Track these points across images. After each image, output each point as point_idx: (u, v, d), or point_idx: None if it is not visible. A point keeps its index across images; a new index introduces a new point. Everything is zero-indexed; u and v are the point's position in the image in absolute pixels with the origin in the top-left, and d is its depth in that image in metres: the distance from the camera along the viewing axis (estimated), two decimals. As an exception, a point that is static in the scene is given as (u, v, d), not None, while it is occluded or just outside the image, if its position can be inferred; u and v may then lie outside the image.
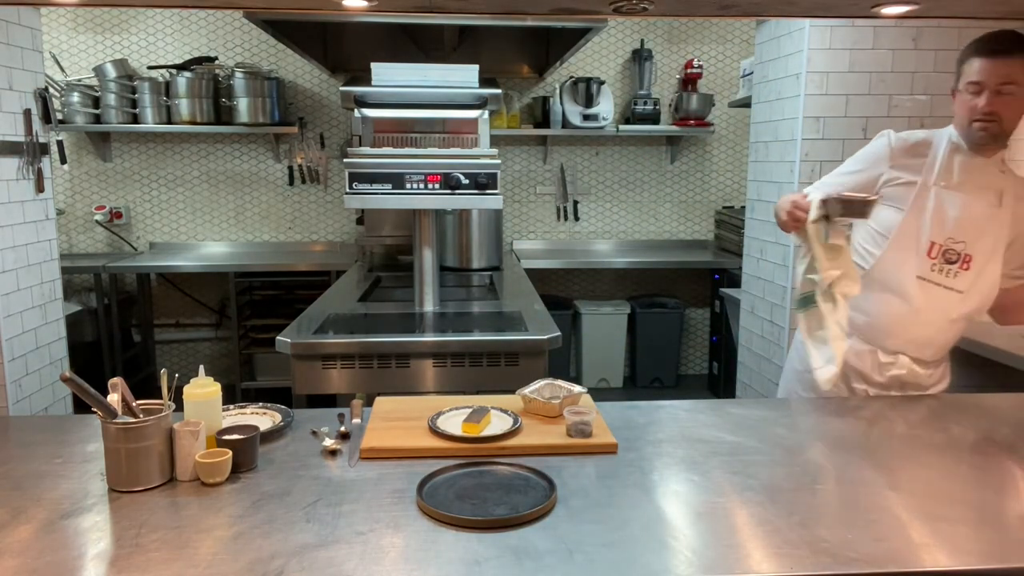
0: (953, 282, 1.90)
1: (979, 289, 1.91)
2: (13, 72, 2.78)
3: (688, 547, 1.20)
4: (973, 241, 1.88)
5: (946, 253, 1.89)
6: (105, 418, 1.38)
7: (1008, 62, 1.78)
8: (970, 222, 1.88)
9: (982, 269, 1.89)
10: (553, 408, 1.71)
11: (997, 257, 1.90)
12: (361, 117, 3.02)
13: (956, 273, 1.89)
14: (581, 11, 1.92)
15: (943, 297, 1.91)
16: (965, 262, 1.88)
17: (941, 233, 1.89)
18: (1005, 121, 1.83)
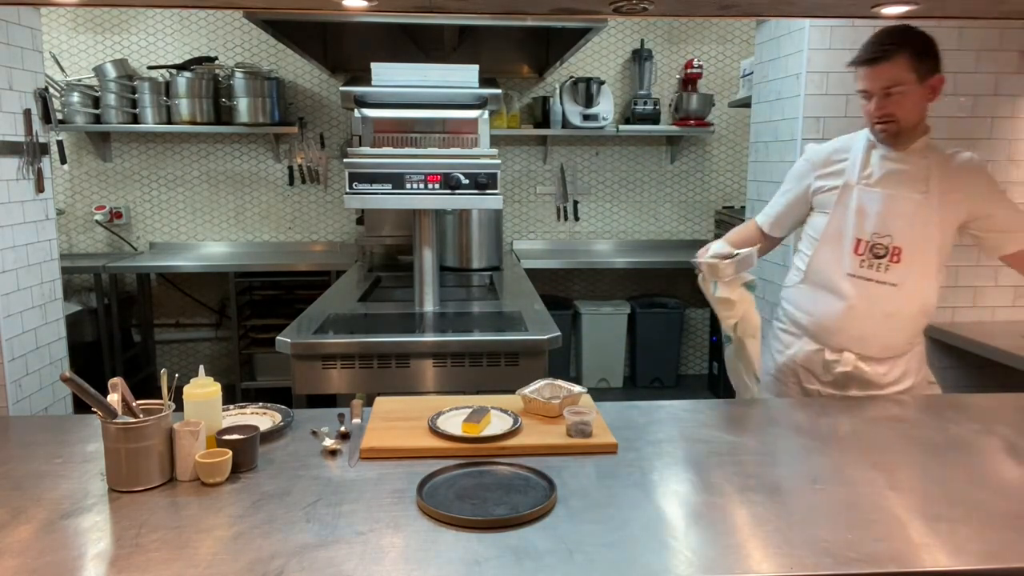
0: (885, 276, 1.94)
1: (914, 279, 1.94)
2: (13, 72, 2.78)
3: (688, 547, 1.20)
4: (900, 233, 1.92)
5: (873, 248, 1.94)
6: (105, 418, 1.38)
7: (887, 66, 1.84)
8: (894, 215, 1.92)
9: (914, 259, 1.93)
10: (553, 408, 1.71)
11: (931, 245, 1.94)
12: (361, 117, 3.02)
13: (887, 267, 1.93)
14: (581, 11, 1.92)
15: (876, 291, 1.94)
16: (894, 255, 1.92)
17: (865, 229, 1.94)
18: (901, 119, 1.89)
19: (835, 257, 1.98)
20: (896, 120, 1.88)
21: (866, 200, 1.94)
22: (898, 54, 1.82)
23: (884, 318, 1.97)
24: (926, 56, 1.86)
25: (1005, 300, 3.18)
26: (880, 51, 1.83)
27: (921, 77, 1.85)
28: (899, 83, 1.84)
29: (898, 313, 1.97)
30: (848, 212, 1.96)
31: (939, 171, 1.93)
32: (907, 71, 1.83)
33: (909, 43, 1.83)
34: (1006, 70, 3.01)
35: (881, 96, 1.86)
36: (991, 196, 1.97)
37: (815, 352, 2.08)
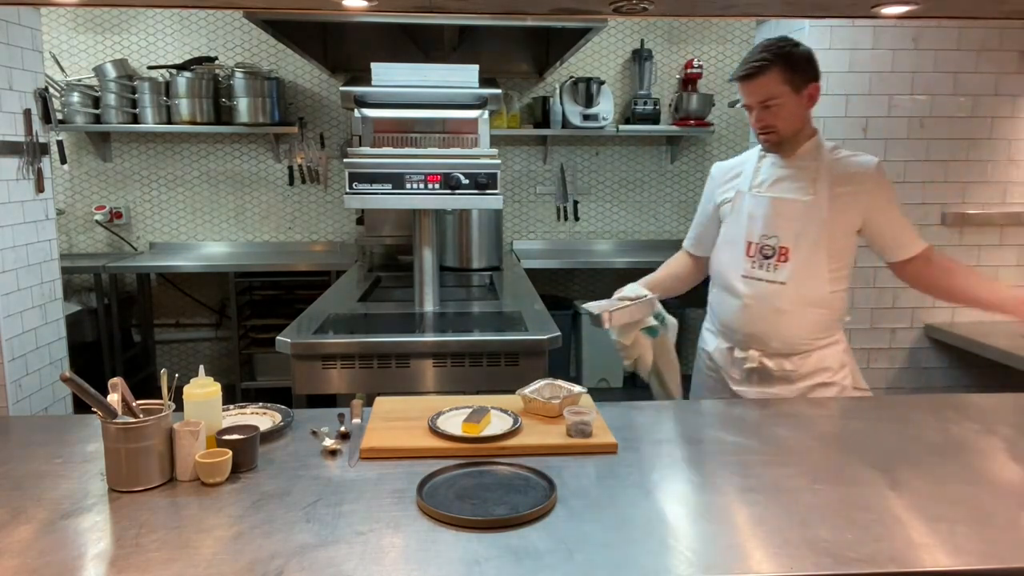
0: (774, 275, 2.02)
1: (801, 277, 2.01)
2: (13, 72, 2.78)
3: (688, 547, 1.20)
4: (786, 234, 2.01)
5: (762, 249, 2.04)
6: (105, 418, 1.38)
7: (761, 81, 1.91)
8: (780, 217, 2.01)
9: (801, 258, 2.00)
10: (553, 408, 1.71)
11: (817, 244, 1.99)
12: (361, 117, 3.02)
13: (775, 266, 2.02)
14: (581, 11, 1.92)
15: (767, 290, 2.04)
16: (782, 255, 2.01)
17: (755, 232, 2.05)
18: (781, 129, 1.96)
19: (731, 260, 2.11)
20: (776, 130, 1.96)
21: (755, 205, 2.05)
22: (770, 69, 1.89)
23: (776, 315, 2.04)
24: (798, 68, 1.92)
25: (1005, 300, 3.18)
26: (753, 67, 1.90)
27: (796, 88, 1.92)
28: (774, 96, 1.91)
29: (789, 309, 2.03)
30: (741, 218, 2.08)
31: (828, 173, 1.99)
32: (780, 84, 1.90)
33: (780, 57, 1.89)
34: (1006, 70, 3.01)
35: (760, 109, 1.94)
36: (880, 202, 2.02)
37: (727, 350, 2.17)
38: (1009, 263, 3.16)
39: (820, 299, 2.04)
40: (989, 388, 3.16)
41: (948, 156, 3.06)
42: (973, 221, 3.10)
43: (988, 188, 3.09)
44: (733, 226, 2.11)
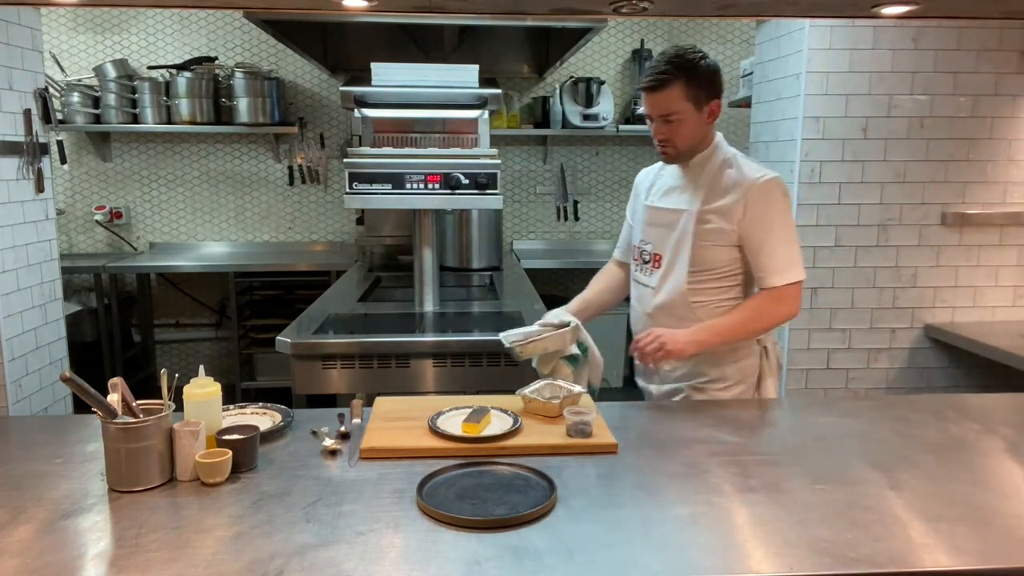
0: (648, 279, 2.09)
1: (666, 284, 2.03)
2: (13, 72, 2.78)
3: (688, 547, 1.20)
4: (658, 241, 2.05)
5: (642, 254, 2.11)
6: (105, 418, 1.38)
7: (663, 95, 1.87)
8: (655, 225, 2.06)
9: (670, 264, 2.02)
10: (553, 408, 1.71)
11: (680, 254, 1.99)
12: (361, 117, 3.02)
13: (650, 271, 2.08)
14: (581, 11, 1.92)
15: (643, 293, 2.11)
16: (655, 261, 2.06)
17: (637, 237, 2.13)
18: (678, 144, 1.95)
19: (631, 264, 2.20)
20: (674, 145, 1.94)
21: (643, 212, 2.11)
22: (672, 84, 1.86)
23: (647, 317, 2.09)
24: (702, 84, 1.88)
25: (1005, 300, 3.18)
26: (655, 80, 1.87)
27: (698, 104, 1.89)
28: (675, 111, 1.88)
29: (655, 313, 2.06)
30: (635, 224, 2.15)
31: (711, 186, 1.95)
32: (682, 100, 1.87)
33: (683, 73, 1.85)
34: (1006, 70, 3.01)
35: (660, 122, 1.92)
36: (753, 220, 1.90)
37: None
38: (1009, 263, 3.16)
39: (681, 307, 1.99)
40: (989, 388, 3.16)
41: (948, 156, 3.06)
42: (973, 221, 3.10)
43: (988, 188, 3.09)
44: (626, 233, 2.24)
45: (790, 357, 3.16)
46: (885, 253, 3.10)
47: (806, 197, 3.05)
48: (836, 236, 3.08)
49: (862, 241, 3.09)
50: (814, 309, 3.12)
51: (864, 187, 3.05)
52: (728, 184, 1.93)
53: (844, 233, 3.08)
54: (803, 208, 3.06)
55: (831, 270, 3.10)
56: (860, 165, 3.04)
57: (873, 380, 3.20)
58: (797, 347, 3.15)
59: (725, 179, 1.94)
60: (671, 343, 1.87)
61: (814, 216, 3.06)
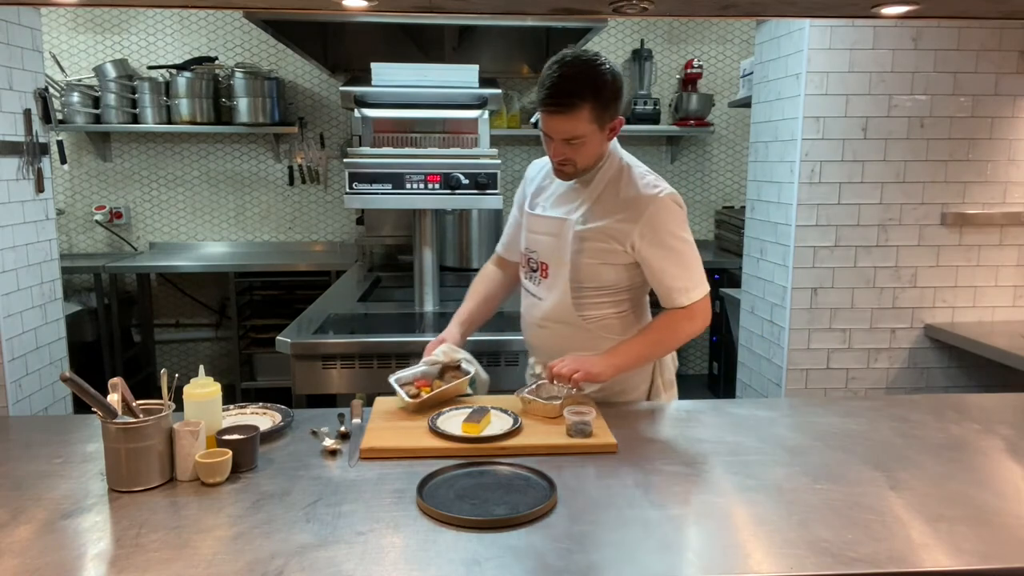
0: (537, 289, 2.00)
1: (553, 295, 1.94)
2: (13, 72, 2.78)
3: (688, 547, 1.20)
4: (544, 251, 1.95)
5: (529, 262, 2.01)
6: (105, 418, 1.38)
7: (569, 119, 1.72)
8: (542, 234, 1.96)
9: (553, 277, 1.94)
10: (553, 409, 1.70)
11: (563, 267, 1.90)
12: (361, 117, 3.02)
13: (539, 280, 1.99)
14: (581, 11, 1.92)
15: (531, 302, 2.03)
16: (543, 271, 1.97)
17: (524, 244, 2.02)
18: (579, 164, 1.82)
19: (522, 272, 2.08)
20: (574, 164, 1.82)
21: (532, 219, 2.00)
22: (580, 107, 1.71)
23: (538, 328, 2.01)
24: (608, 105, 1.75)
25: (1005, 300, 3.18)
26: (563, 102, 1.71)
27: (602, 126, 1.77)
28: (580, 135, 1.74)
29: (545, 324, 1.99)
30: (525, 230, 2.03)
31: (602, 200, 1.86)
32: (588, 123, 1.73)
33: (592, 94, 1.71)
34: (1006, 70, 3.01)
35: (561, 143, 1.77)
36: (661, 244, 1.83)
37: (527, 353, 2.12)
38: (1009, 263, 3.16)
39: (569, 320, 1.93)
40: (989, 388, 3.16)
41: (948, 156, 3.06)
42: (973, 221, 3.10)
43: (988, 188, 3.09)
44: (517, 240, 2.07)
45: (790, 357, 3.16)
46: (885, 253, 3.10)
47: (806, 197, 3.05)
48: (836, 236, 3.08)
49: (862, 241, 3.09)
50: (814, 309, 3.12)
51: (864, 187, 3.05)
52: (622, 200, 1.83)
53: (844, 233, 3.08)
54: (803, 208, 3.06)
55: (831, 270, 3.10)
56: (860, 165, 3.04)
57: (873, 380, 3.20)
58: (797, 347, 3.15)
59: (620, 194, 1.85)
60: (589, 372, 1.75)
61: (814, 216, 3.06)
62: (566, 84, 1.71)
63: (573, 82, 1.71)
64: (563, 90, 1.71)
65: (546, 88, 1.72)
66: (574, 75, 1.71)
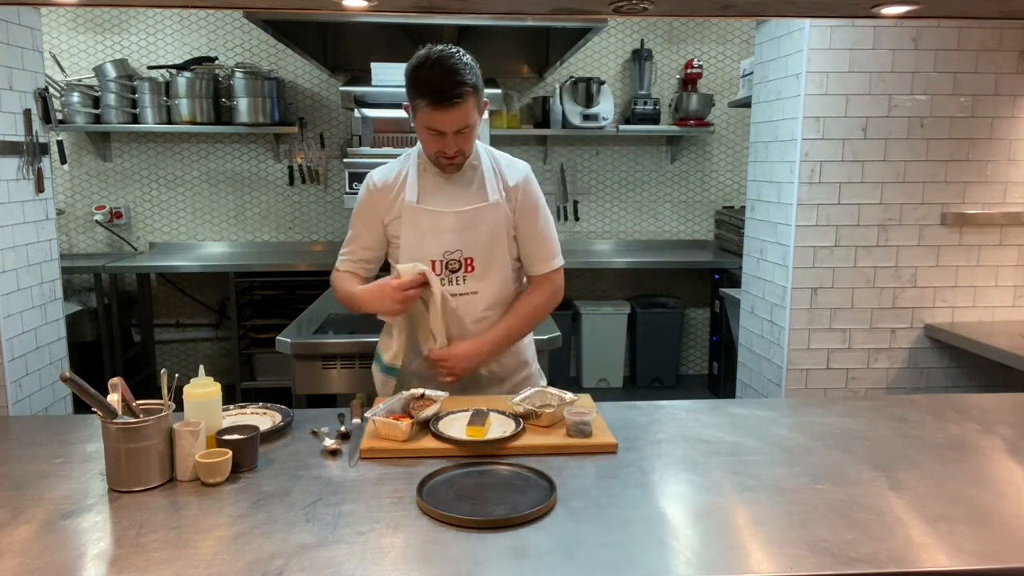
0: (465, 286, 1.98)
1: (492, 279, 2.00)
2: (13, 72, 2.78)
3: (688, 547, 1.20)
4: (467, 244, 1.96)
5: (449, 264, 1.97)
6: (105, 418, 1.38)
7: (461, 110, 1.82)
8: (460, 230, 1.95)
9: (488, 262, 1.98)
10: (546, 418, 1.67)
11: (498, 246, 1.98)
12: (361, 117, 3.02)
13: (464, 278, 1.98)
14: (581, 11, 1.92)
15: (463, 303, 1.98)
16: (468, 266, 1.98)
17: (437, 249, 1.96)
18: (467, 152, 1.94)
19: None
20: (464, 154, 1.92)
21: (431, 220, 1.96)
22: (468, 97, 1.82)
23: (476, 323, 2.00)
24: (480, 91, 1.88)
25: (1005, 300, 3.18)
26: (455, 95, 1.79)
27: (480, 111, 1.90)
28: (469, 124, 1.86)
29: (487, 315, 2.01)
30: (418, 236, 1.96)
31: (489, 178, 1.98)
32: (474, 111, 1.85)
33: (472, 84, 1.82)
34: (1006, 70, 3.01)
35: (454, 135, 1.85)
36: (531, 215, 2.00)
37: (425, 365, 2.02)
38: (1009, 263, 3.16)
39: (509, 301, 2.03)
40: (989, 388, 3.16)
41: (948, 156, 3.06)
42: (973, 221, 3.10)
43: (988, 188, 3.09)
44: (410, 247, 1.97)
45: (790, 357, 3.16)
46: (885, 253, 3.10)
47: (806, 197, 3.05)
48: (836, 236, 3.08)
49: (862, 241, 3.09)
50: (814, 309, 3.12)
51: (864, 187, 3.05)
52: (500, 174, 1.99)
53: (844, 233, 3.08)
54: (803, 208, 3.06)
55: (831, 270, 3.10)
56: (860, 165, 3.04)
57: (873, 380, 3.20)
58: (797, 347, 3.15)
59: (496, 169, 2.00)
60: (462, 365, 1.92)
61: (814, 216, 3.06)
62: (452, 77, 1.79)
63: (457, 75, 1.80)
64: (451, 83, 1.79)
65: (433, 86, 1.79)
66: (455, 68, 1.80)
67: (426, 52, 1.83)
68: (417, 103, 1.83)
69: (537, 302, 2.04)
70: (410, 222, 1.96)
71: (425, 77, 1.80)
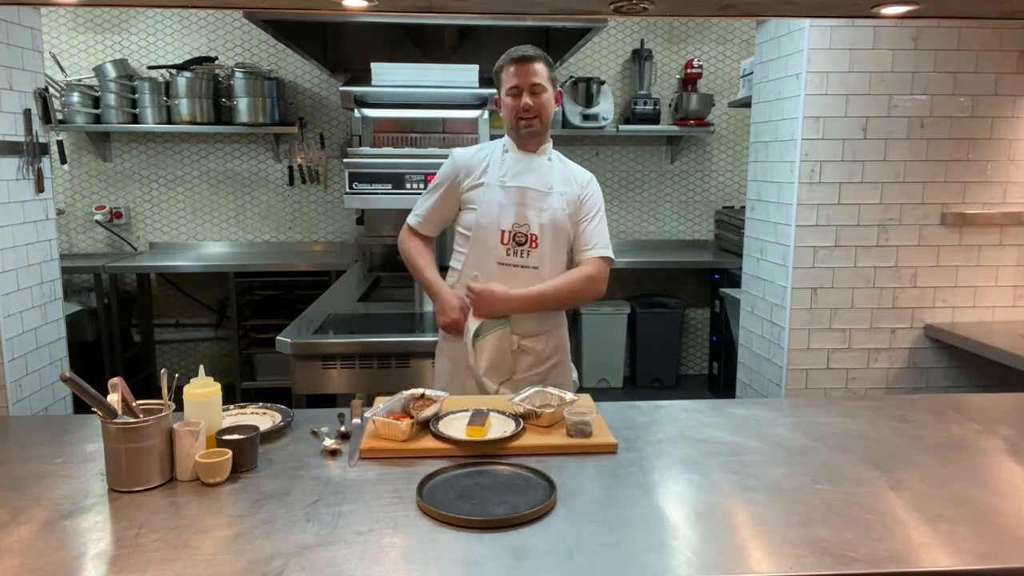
0: (527, 260, 2.19)
1: (551, 260, 2.21)
2: (13, 72, 2.78)
3: (688, 547, 1.20)
4: (534, 223, 2.18)
5: (515, 237, 2.18)
6: (105, 418, 1.38)
7: (533, 66, 2.13)
8: (528, 208, 2.18)
9: (549, 244, 2.20)
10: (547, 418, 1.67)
11: (560, 232, 2.21)
12: (361, 117, 3.02)
13: (528, 252, 2.19)
14: (581, 11, 1.92)
15: (522, 275, 2.18)
16: (533, 242, 2.19)
17: (507, 221, 2.18)
18: (543, 118, 2.18)
19: (486, 249, 2.20)
20: (540, 117, 2.16)
21: (506, 196, 2.19)
22: (539, 60, 2.14)
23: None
24: (552, 71, 2.19)
25: (1005, 300, 3.18)
26: (528, 54, 2.13)
27: (553, 85, 2.18)
28: (541, 83, 2.13)
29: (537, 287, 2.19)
30: (491, 208, 2.19)
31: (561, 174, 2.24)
32: (546, 77, 2.15)
33: (547, 59, 2.16)
34: (1006, 70, 3.01)
35: (529, 94, 2.13)
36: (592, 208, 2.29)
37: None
38: (1009, 263, 3.16)
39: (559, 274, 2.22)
40: (989, 388, 3.15)
41: (948, 156, 3.06)
42: (973, 221, 3.10)
43: (988, 188, 3.09)
44: (485, 216, 2.19)
45: (790, 357, 3.16)
46: (885, 253, 3.10)
47: (806, 197, 3.05)
48: (836, 236, 3.08)
49: (862, 241, 3.09)
50: (814, 309, 3.12)
51: (864, 187, 3.05)
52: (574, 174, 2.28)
53: (844, 233, 3.08)
54: (803, 208, 3.06)
55: (831, 270, 3.10)
56: (860, 165, 3.04)
57: (873, 380, 3.19)
58: (797, 347, 3.15)
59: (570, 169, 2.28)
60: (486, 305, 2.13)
61: (814, 216, 3.06)
62: (530, 49, 2.16)
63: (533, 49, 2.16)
64: (528, 50, 2.15)
65: (510, 53, 2.15)
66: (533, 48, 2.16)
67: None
68: (501, 74, 2.17)
69: (575, 280, 2.21)
70: (485, 197, 2.19)
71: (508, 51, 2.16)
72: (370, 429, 1.63)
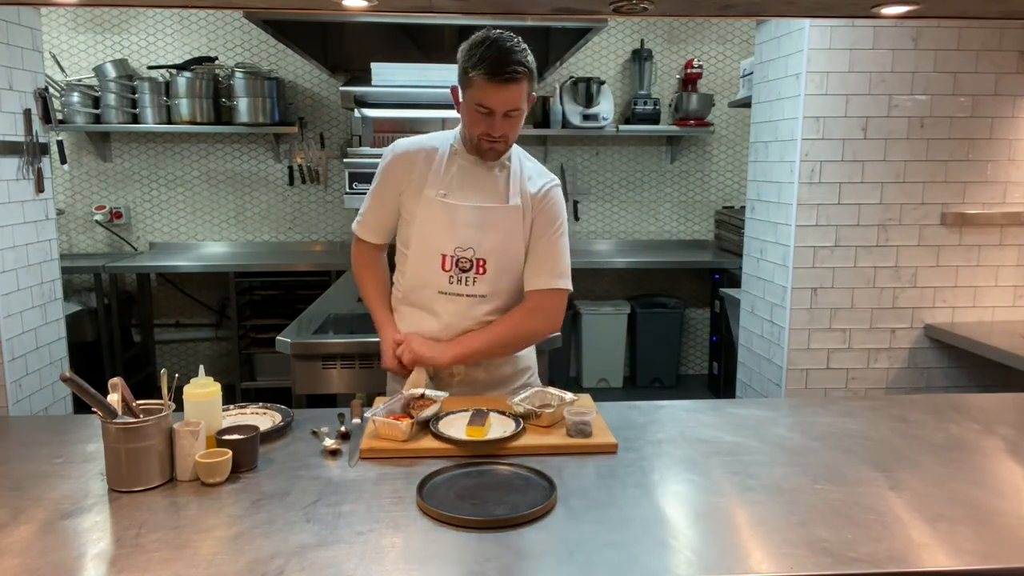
0: (474, 288, 1.89)
1: (503, 286, 1.91)
2: (13, 72, 2.78)
3: (688, 547, 1.20)
4: (481, 244, 1.86)
5: (459, 263, 1.87)
6: (105, 418, 1.38)
7: (515, 89, 1.74)
8: (475, 228, 1.86)
9: (500, 269, 1.89)
10: (547, 418, 1.67)
11: (512, 254, 1.89)
12: (361, 117, 3.02)
13: (474, 280, 1.88)
14: (581, 11, 1.92)
15: (467, 304, 1.90)
16: (480, 267, 1.87)
17: (450, 245, 1.86)
18: (511, 141, 1.85)
19: (426, 276, 1.90)
20: (508, 141, 1.84)
21: (444, 214, 1.86)
22: (523, 79, 1.75)
23: (479, 327, 1.92)
24: (535, 81, 1.82)
25: (1005, 300, 3.18)
26: (511, 72, 1.72)
27: (529, 103, 1.82)
28: (519, 107, 1.78)
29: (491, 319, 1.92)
30: (431, 227, 1.87)
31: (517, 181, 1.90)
32: (525, 96, 1.78)
33: (529, 68, 1.76)
34: (1006, 70, 3.01)
35: (502, 117, 1.77)
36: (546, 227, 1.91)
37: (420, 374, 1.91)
38: (1009, 263, 3.16)
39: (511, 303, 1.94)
40: (989, 388, 3.16)
41: (948, 156, 3.06)
42: (973, 221, 3.10)
43: (988, 188, 3.09)
44: (422, 236, 1.88)
45: (790, 357, 3.16)
46: (885, 253, 3.10)
47: (806, 197, 3.05)
48: (836, 236, 3.08)
49: (862, 241, 3.09)
50: (814, 309, 3.12)
51: (864, 187, 3.05)
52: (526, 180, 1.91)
53: (844, 233, 3.08)
54: (803, 208, 3.06)
55: (831, 270, 3.10)
56: (860, 165, 3.04)
57: (873, 380, 3.20)
58: (797, 347, 3.15)
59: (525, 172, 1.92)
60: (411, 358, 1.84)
61: (814, 216, 3.06)
62: (510, 56, 1.72)
63: (515, 55, 1.72)
64: (509, 60, 1.71)
65: (490, 60, 1.71)
66: (514, 49, 1.73)
67: (485, 32, 1.77)
68: (470, 78, 1.74)
69: (523, 323, 1.91)
70: (423, 213, 1.86)
71: (483, 52, 1.72)
72: (370, 429, 1.63)
